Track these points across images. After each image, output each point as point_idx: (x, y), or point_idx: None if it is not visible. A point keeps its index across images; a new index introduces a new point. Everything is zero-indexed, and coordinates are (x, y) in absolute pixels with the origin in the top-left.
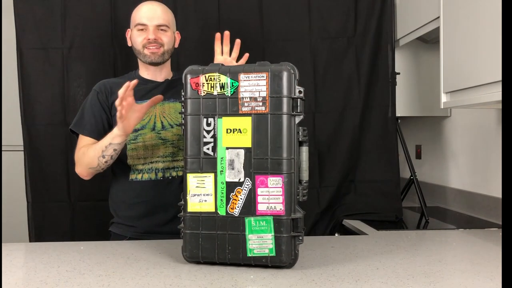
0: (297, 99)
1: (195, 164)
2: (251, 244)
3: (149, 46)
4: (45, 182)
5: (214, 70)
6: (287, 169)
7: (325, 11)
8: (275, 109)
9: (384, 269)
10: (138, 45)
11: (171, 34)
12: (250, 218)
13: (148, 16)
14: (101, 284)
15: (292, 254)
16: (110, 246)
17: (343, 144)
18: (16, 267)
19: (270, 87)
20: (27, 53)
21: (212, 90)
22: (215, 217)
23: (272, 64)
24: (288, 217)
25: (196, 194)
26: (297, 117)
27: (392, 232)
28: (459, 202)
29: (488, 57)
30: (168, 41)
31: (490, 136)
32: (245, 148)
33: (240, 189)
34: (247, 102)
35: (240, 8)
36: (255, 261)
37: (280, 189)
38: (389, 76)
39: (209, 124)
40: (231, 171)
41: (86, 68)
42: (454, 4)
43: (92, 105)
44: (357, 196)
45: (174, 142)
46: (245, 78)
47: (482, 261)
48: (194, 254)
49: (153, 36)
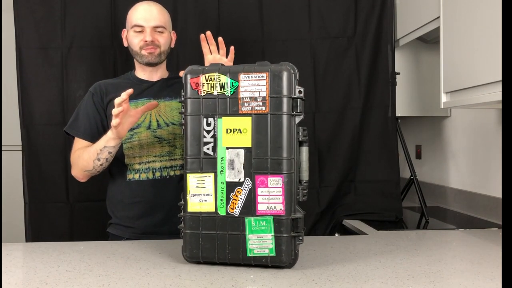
0: (297, 99)
1: (195, 164)
2: (251, 244)
3: (146, 47)
4: (43, 183)
5: (214, 70)
6: (287, 169)
7: (325, 11)
8: (275, 109)
9: (384, 269)
10: (135, 46)
11: (167, 35)
12: (250, 218)
13: (145, 17)
14: (101, 284)
15: (292, 254)
16: (110, 246)
17: (343, 144)
18: (16, 267)
19: (270, 87)
20: (26, 52)
21: (212, 90)
22: (215, 217)
23: (272, 64)
24: (288, 217)
25: (196, 194)
26: (297, 117)
27: (392, 232)
28: (459, 202)
29: (488, 57)
30: (164, 42)
31: (490, 136)
32: (245, 148)
33: (240, 189)
34: (247, 102)
35: (240, 8)
36: (255, 261)
37: (280, 189)
38: (389, 76)
39: (209, 124)
40: (231, 171)
41: (86, 68)
42: (454, 4)
43: (87, 107)
44: (357, 196)
45: (170, 141)
46: (245, 78)
47: (482, 261)
48: (194, 254)
49: (150, 38)
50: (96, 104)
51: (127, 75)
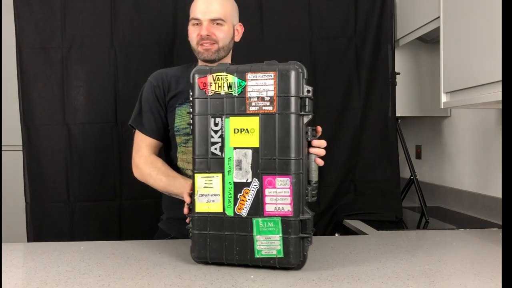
0: (306, 99)
1: (203, 164)
2: (259, 245)
3: (203, 42)
4: (44, 183)
5: (221, 70)
6: (295, 169)
7: (325, 11)
8: (282, 109)
9: (384, 269)
10: (192, 41)
11: (228, 29)
12: (257, 219)
13: (203, 10)
14: (101, 284)
15: (301, 256)
16: (110, 246)
17: (343, 144)
18: (16, 267)
19: (278, 86)
20: (26, 52)
21: (219, 90)
22: (222, 218)
23: (280, 63)
24: (296, 218)
25: (204, 194)
26: (305, 117)
27: (392, 232)
28: (459, 202)
29: (488, 57)
30: (223, 36)
31: (490, 136)
32: (252, 148)
33: (247, 189)
34: (255, 101)
35: (240, 8)
36: (263, 262)
37: (288, 189)
38: (389, 76)
39: (216, 124)
40: (239, 171)
41: (86, 68)
42: (454, 4)
43: (149, 101)
44: (357, 196)
45: None
46: (252, 78)
47: (482, 261)
48: (202, 254)
49: (205, 32)
50: (158, 98)
51: (191, 67)
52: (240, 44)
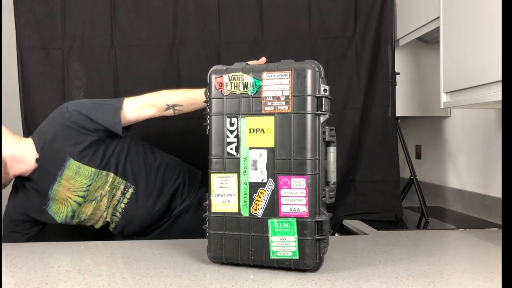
0: (322, 98)
1: (219, 164)
2: (274, 246)
3: None
4: None
5: (237, 70)
6: (311, 170)
7: (325, 11)
8: (298, 109)
9: (384, 269)
10: None
11: None
12: (273, 219)
13: None
14: (101, 284)
15: (317, 258)
16: (110, 246)
17: (343, 144)
18: (16, 267)
19: (294, 85)
20: (27, 53)
21: (235, 89)
22: (238, 218)
23: (296, 62)
24: (312, 220)
25: (219, 194)
26: (322, 116)
27: (392, 232)
28: (459, 202)
29: (488, 57)
30: None
31: (490, 136)
32: (268, 149)
33: (263, 190)
34: (270, 101)
35: (240, 8)
36: (278, 263)
37: (303, 190)
38: (389, 76)
39: (232, 124)
40: (254, 171)
41: (87, 68)
42: (454, 4)
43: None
44: (357, 196)
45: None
46: (268, 77)
47: (482, 261)
48: (218, 254)
49: None
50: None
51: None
52: (240, 44)
